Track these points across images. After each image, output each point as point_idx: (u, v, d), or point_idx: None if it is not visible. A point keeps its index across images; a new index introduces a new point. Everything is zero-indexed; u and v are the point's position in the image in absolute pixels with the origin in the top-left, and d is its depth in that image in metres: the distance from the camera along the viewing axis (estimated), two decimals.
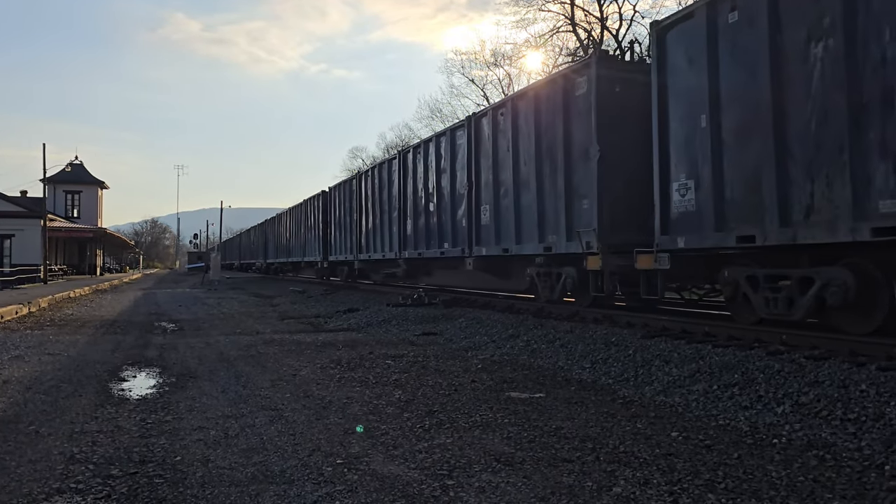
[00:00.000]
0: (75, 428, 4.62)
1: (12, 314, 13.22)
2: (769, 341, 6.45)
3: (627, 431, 4.43)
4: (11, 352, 8.24)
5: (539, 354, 7.52)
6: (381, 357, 7.66)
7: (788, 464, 3.70)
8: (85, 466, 3.76)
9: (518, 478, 3.53)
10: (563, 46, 36.41)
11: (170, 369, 7.14)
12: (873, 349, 5.55)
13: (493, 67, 42.68)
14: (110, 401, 5.54)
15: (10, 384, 6.19)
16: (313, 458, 3.89)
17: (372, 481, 3.50)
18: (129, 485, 3.47)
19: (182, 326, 11.99)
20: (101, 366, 7.33)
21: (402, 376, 6.49)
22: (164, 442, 4.27)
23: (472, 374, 6.62)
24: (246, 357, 7.91)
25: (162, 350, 8.68)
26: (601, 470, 3.65)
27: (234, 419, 4.86)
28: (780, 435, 4.24)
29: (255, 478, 3.57)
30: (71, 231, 46.39)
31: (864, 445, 3.91)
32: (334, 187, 23.96)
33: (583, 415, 4.92)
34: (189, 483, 3.49)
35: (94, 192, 55.68)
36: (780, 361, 5.53)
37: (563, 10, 35.52)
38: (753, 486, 3.36)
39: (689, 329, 7.55)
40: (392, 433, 4.45)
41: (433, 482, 3.47)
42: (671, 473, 3.56)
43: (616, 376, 6.20)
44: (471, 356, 7.78)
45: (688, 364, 5.95)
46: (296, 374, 6.67)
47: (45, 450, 4.10)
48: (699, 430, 4.43)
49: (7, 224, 41.47)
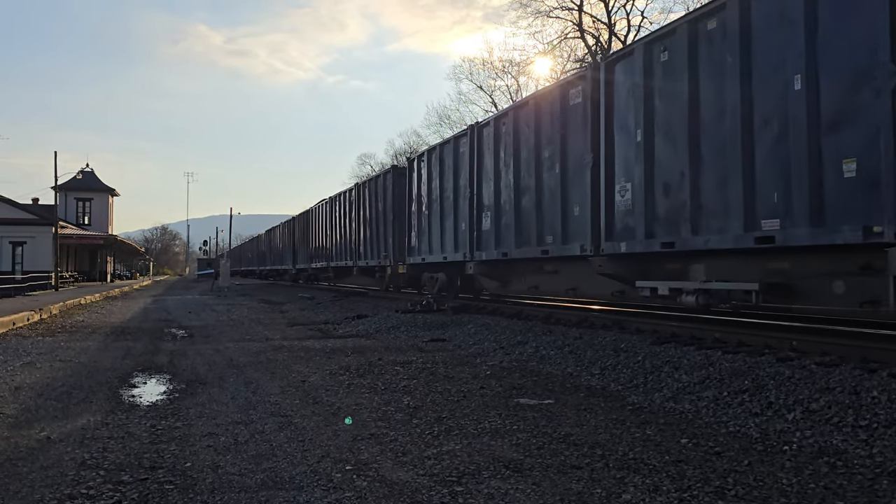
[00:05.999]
0: (86, 434, 4.65)
1: (24, 321, 13.31)
2: (779, 347, 6.42)
3: (637, 438, 4.42)
4: (23, 358, 8.30)
5: (548, 361, 7.51)
6: (390, 363, 7.67)
7: (799, 471, 3.68)
8: (96, 472, 3.79)
9: (527, 484, 3.53)
10: (572, 52, 36.47)
11: (180, 376, 7.17)
12: (885, 355, 5.52)
13: (502, 74, 42.68)
14: (121, 407, 5.58)
15: (23, 390, 6.23)
16: (322, 465, 3.90)
17: (381, 487, 3.51)
18: (140, 491, 3.49)
19: (192, 333, 12.04)
20: (111, 372, 7.37)
21: (410, 382, 6.49)
22: (174, 448, 4.29)
23: (481, 380, 6.62)
24: (255, 363, 7.94)
25: (172, 356, 8.73)
26: (611, 477, 3.64)
27: (243, 425, 4.87)
28: (791, 442, 4.22)
29: (264, 484, 3.58)
30: (82, 238, 46.71)
31: (876, 452, 3.88)
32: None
33: (592, 421, 4.91)
34: (199, 489, 3.51)
35: (104, 199, 56.09)
36: (791, 368, 5.50)
37: (572, 17, 35.61)
38: (764, 494, 3.34)
39: (699, 335, 7.52)
40: (401, 439, 4.45)
41: (442, 489, 3.48)
42: (681, 480, 3.55)
43: (625, 382, 6.18)
44: (480, 362, 7.78)
45: (697, 370, 5.92)
46: (305, 381, 6.68)
47: (57, 455, 4.13)
48: (709, 437, 4.41)
49: (19, 231, 41.81)
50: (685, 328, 7.89)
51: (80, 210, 54.40)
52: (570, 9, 35.77)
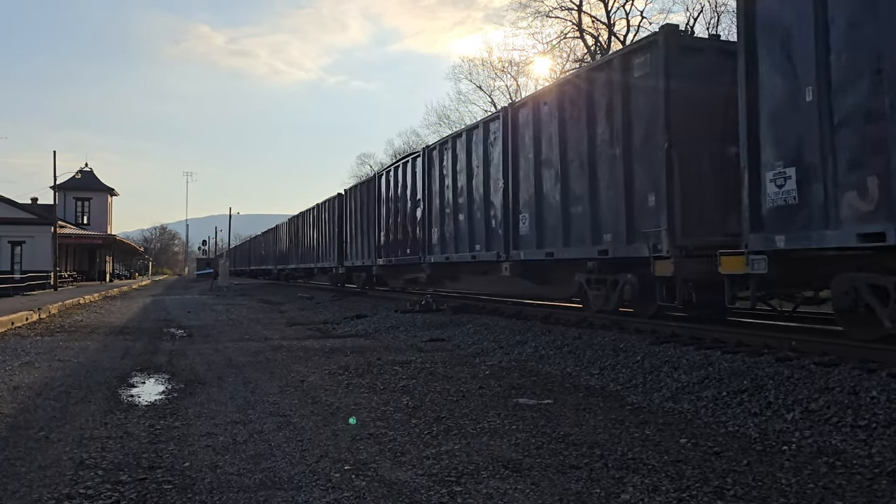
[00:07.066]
0: (85, 434, 4.64)
1: (23, 320, 13.30)
2: (778, 347, 6.42)
3: (636, 438, 4.42)
4: (22, 358, 8.29)
5: (547, 360, 7.51)
6: (389, 363, 7.67)
7: (798, 471, 3.68)
8: (94, 472, 3.78)
9: (526, 484, 3.53)
10: (571, 52, 36.48)
11: (178, 375, 7.16)
12: (884, 356, 5.52)
13: (501, 74, 42.67)
14: (119, 407, 5.57)
15: (21, 390, 6.23)
16: (321, 465, 3.90)
17: (380, 487, 3.50)
18: (139, 490, 3.49)
19: (191, 332, 12.04)
20: (110, 372, 7.37)
21: (409, 382, 6.49)
22: (172, 448, 4.29)
23: (480, 380, 6.62)
24: (254, 363, 7.93)
25: (171, 356, 8.72)
26: (609, 477, 3.64)
27: (242, 425, 4.87)
28: (790, 442, 4.22)
29: (263, 484, 3.57)
30: (81, 238, 46.68)
31: (875, 452, 3.88)
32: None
33: (591, 421, 4.91)
34: (198, 489, 3.50)
35: (103, 198, 56.05)
36: (790, 368, 5.50)
37: (571, 17, 35.61)
38: (763, 494, 3.34)
39: (698, 335, 7.52)
40: (400, 439, 4.45)
41: (441, 488, 3.47)
42: (680, 480, 3.55)
43: (624, 382, 6.18)
44: (479, 362, 7.77)
45: (696, 370, 5.92)
46: (304, 381, 6.68)
47: (55, 455, 4.12)
48: (708, 437, 4.41)
49: (18, 231, 41.74)
50: (684, 328, 7.89)
51: (79, 210, 54.36)
52: (569, 9, 35.78)
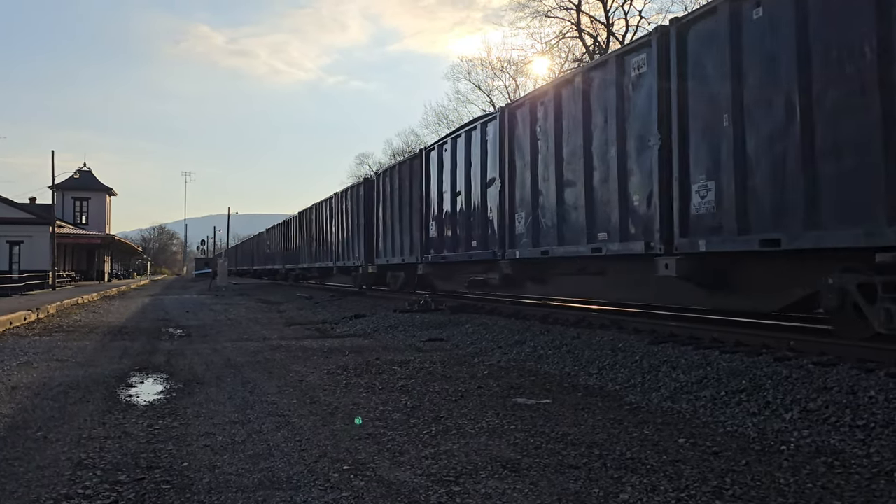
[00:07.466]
0: (83, 433, 4.64)
1: (21, 320, 13.28)
2: (777, 347, 6.43)
3: (634, 438, 4.42)
4: (20, 358, 8.28)
5: (546, 360, 7.51)
6: (388, 363, 7.67)
7: (797, 471, 3.68)
8: (93, 472, 3.78)
9: (524, 484, 3.53)
10: (570, 52, 36.51)
11: (177, 375, 7.16)
12: (882, 355, 5.52)
13: (500, 73, 42.68)
14: (118, 407, 5.56)
15: (19, 390, 6.22)
16: (320, 465, 3.90)
17: (378, 487, 3.50)
18: (137, 490, 3.48)
19: (189, 332, 12.03)
20: (108, 372, 7.36)
21: (408, 382, 6.49)
22: (171, 448, 4.28)
23: (479, 380, 6.61)
24: (253, 363, 7.93)
25: (169, 356, 8.71)
26: (608, 476, 3.64)
27: (240, 425, 4.87)
28: (789, 441, 4.22)
29: (261, 484, 3.57)
30: (79, 237, 46.67)
31: (874, 452, 3.88)
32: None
33: (589, 421, 4.91)
34: (196, 489, 3.50)
35: (102, 198, 56.03)
36: (788, 367, 5.50)
37: (570, 17, 35.63)
38: (761, 494, 3.34)
39: (697, 335, 7.52)
40: (398, 439, 4.45)
41: (439, 488, 3.47)
42: (678, 480, 3.55)
43: (623, 382, 6.18)
44: (477, 362, 7.77)
45: (695, 370, 5.92)
46: (302, 380, 6.67)
47: (53, 455, 4.12)
48: (707, 437, 4.41)
49: (16, 230, 41.72)
50: (683, 328, 7.89)
51: (78, 209, 54.34)
52: (568, 9, 35.82)
